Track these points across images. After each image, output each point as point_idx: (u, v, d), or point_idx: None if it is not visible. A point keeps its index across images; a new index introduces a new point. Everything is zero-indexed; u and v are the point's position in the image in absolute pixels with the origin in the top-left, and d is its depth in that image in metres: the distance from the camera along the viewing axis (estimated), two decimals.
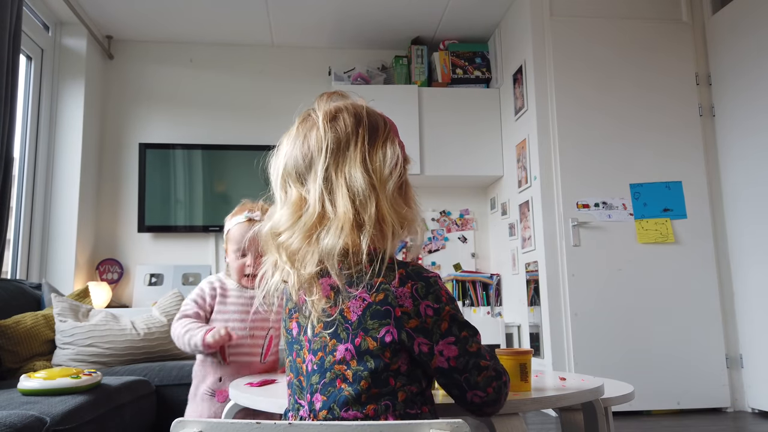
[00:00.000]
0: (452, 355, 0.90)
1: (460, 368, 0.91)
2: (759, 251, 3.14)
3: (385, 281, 0.89)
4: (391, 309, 0.88)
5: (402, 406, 0.89)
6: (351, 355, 0.88)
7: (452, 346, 0.90)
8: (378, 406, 0.88)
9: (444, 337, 0.90)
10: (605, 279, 3.25)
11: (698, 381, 3.20)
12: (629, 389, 1.59)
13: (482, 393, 0.92)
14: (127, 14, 3.87)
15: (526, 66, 3.57)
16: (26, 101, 3.49)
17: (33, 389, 1.72)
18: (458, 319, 0.92)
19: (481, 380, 0.92)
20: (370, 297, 0.88)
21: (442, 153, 3.99)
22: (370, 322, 0.88)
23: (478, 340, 0.94)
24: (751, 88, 3.21)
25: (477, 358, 0.92)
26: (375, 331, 0.88)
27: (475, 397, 0.92)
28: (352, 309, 0.89)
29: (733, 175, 3.34)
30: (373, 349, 0.88)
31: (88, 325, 2.53)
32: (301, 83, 4.27)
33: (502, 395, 0.95)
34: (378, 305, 0.88)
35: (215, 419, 0.81)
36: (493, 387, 0.93)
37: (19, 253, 3.42)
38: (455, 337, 0.90)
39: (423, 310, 0.89)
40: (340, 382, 0.89)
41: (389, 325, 0.88)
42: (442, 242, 4.23)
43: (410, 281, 0.89)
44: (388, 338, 0.88)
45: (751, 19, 3.22)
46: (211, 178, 4.06)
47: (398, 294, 0.88)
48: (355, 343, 0.88)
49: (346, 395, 0.88)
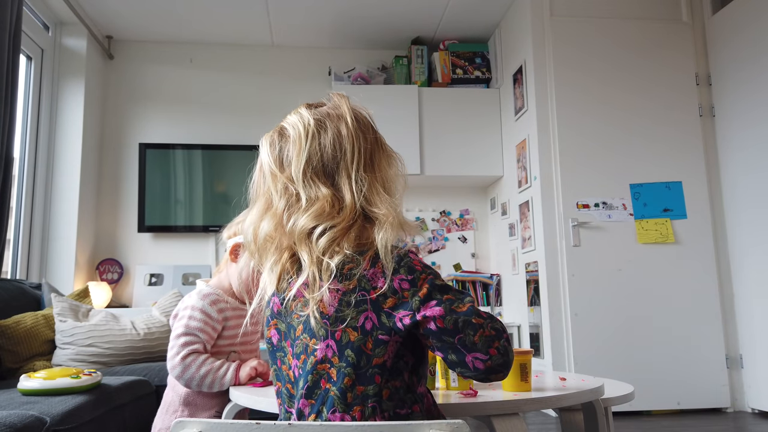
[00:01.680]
0: (437, 314, 0.83)
1: (450, 328, 0.83)
2: (759, 251, 3.14)
3: (354, 266, 0.87)
4: (365, 293, 0.85)
5: (390, 406, 0.85)
6: (332, 351, 0.86)
7: (436, 307, 0.84)
8: (365, 408, 0.84)
9: (424, 302, 0.84)
10: (605, 279, 3.25)
11: (698, 381, 3.19)
12: (629, 389, 1.59)
13: (484, 355, 0.84)
14: (127, 14, 3.87)
15: (526, 66, 3.57)
16: (26, 101, 3.49)
17: (33, 389, 1.72)
18: (438, 283, 0.86)
19: (479, 340, 0.84)
20: (343, 286, 0.86)
21: (442, 153, 3.99)
22: (347, 311, 0.85)
23: (469, 301, 0.86)
24: (751, 87, 3.21)
25: (467, 315, 0.84)
26: (354, 320, 0.85)
27: (477, 361, 0.84)
28: (328, 303, 0.86)
29: (733, 175, 3.34)
30: (355, 340, 0.85)
31: (88, 325, 2.53)
32: (301, 83, 4.27)
33: (509, 356, 0.86)
34: (351, 292, 0.85)
35: (215, 419, 0.80)
36: (497, 348, 0.84)
37: (19, 253, 3.42)
38: (437, 300, 0.85)
39: (398, 285, 0.85)
40: (324, 383, 0.86)
41: (367, 311, 0.85)
42: (442, 242, 4.23)
43: (379, 260, 0.87)
44: (368, 325, 0.84)
45: (751, 19, 3.22)
46: (211, 178, 4.06)
47: (369, 276, 0.86)
48: (335, 337, 0.85)
49: (332, 396, 0.85)
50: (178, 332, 1.42)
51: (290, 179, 0.95)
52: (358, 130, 0.96)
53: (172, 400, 1.46)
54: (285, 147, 0.98)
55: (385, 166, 0.97)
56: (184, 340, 1.41)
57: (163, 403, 1.49)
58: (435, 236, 4.23)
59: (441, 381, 1.26)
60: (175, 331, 1.44)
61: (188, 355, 1.39)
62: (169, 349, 1.42)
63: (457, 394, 1.14)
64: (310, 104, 1.02)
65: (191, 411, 1.43)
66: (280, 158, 0.97)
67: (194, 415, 1.43)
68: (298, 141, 0.96)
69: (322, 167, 0.94)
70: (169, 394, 1.48)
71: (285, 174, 0.96)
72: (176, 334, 1.42)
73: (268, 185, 0.97)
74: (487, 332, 0.84)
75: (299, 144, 0.96)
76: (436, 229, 4.25)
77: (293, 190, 0.94)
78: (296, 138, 0.96)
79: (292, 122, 0.99)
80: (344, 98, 1.01)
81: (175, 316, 1.48)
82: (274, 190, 0.96)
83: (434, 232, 4.24)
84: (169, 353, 1.42)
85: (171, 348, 1.41)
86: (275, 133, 1.01)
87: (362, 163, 0.94)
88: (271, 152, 0.98)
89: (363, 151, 0.95)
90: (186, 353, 1.39)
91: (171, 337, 1.44)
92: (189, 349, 1.40)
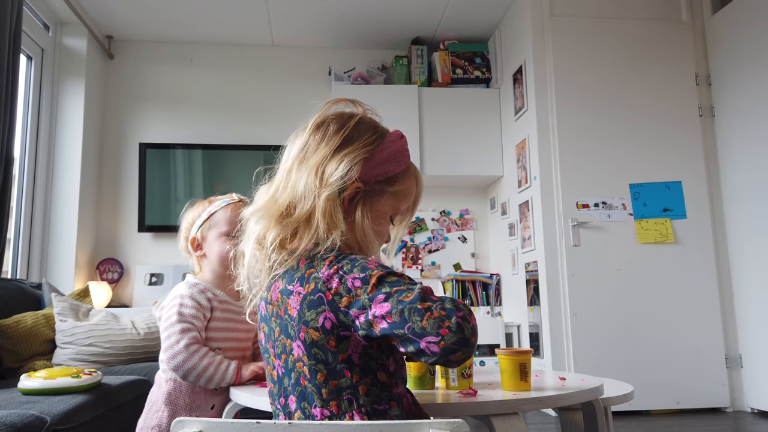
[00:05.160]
0: (385, 311, 0.83)
1: (398, 320, 0.82)
2: (759, 251, 3.14)
3: (315, 271, 0.90)
4: (322, 295, 0.88)
5: (368, 401, 0.88)
6: (302, 350, 0.90)
7: (383, 303, 0.84)
8: (340, 401, 0.88)
9: (373, 298, 0.85)
10: (605, 279, 3.25)
11: (698, 381, 3.20)
12: (629, 389, 1.59)
13: (435, 337, 0.81)
14: (127, 14, 3.87)
15: (526, 66, 3.58)
16: (26, 101, 3.49)
17: (33, 389, 1.72)
18: (387, 279, 0.86)
19: (427, 324, 0.81)
20: (304, 289, 0.90)
21: (442, 153, 3.99)
22: (307, 313, 0.89)
23: (418, 289, 0.84)
24: (751, 88, 3.22)
25: (413, 303, 0.82)
26: (314, 321, 0.88)
27: (431, 345, 0.81)
28: (292, 305, 0.91)
29: (733, 175, 3.34)
30: (318, 339, 0.88)
31: (89, 325, 2.53)
32: (301, 83, 4.27)
33: (464, 332, 0.81)
34: (311, 295, 0.89)
35: (215, 419, 0.81)
36: (447, 327, 0.81)
37: (19, 252, 3.43)
38: (385, 294, 0.84)
39: (351, 283, 0.87)
40: (303, 380, 0.90)
41: (325, 311, 0.88)
42: (442, 242, 4.23)
43: (337, 264, 0.90)
44: (328, 324, 0.87)
45: (751, 19, 3.23)
46: (211, 178, 4.06)
47: (325, 278, 0.89)
48: (300, 337, 0.89)
49: (310, 392, 0.89)
50: (173, 320, 1.35)
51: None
52: (309, 134, 1.02)
53: (156, 399, 1.41)
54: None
55: (310, 164, 0.98)
56: (181, 326, 1.34)
57: (148, 402, 1.44)
58: (435, 236, 4.23)
59: (441, 381, 1.26)
60: (168, 320, 1.37)
61: (191, 343, 1.33)
62: (166, 338, 1.34)
63: (457, 394, 1.14)
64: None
65: (172, 411, 1.37)
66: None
67: (175, 416, 1.36)
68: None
69: (288, 166, 1.01)
70: (155, 392, 1.43)
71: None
72: (170, 322, 1.36)
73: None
74: (436, 314, 0.82)
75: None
76: (435, 229, 4.25)
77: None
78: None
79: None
80: (333, 103, 1.07)
81: (162, 307, 1.42)
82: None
83: (434, 232, 4.24)
84: (166, 342, 1.34)
85: (168, 337, 1.34)
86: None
87: (295, 161, 1.00)
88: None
89: (302, 149, 1.01)
90: (189, 341, 1.33)
91: (164, 327, 1.37)
92: (190, 336, 1.34)
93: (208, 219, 1.49)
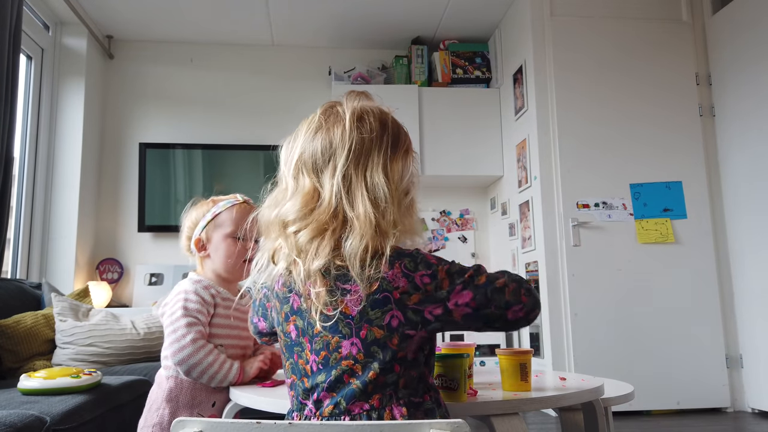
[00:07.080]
0: (468, 299, 0.90)
1: (484, 302, 0.91)
2: (759, 251, 3.14)
3: (374, 269, 0.90)
4: (388, 294, 0.89)
5: (405, 394, 0.91)
6: (357, 348, 0.90)
7: (463, 292, 0.90)
8: (383, 396, 0.90)
9: (451, 291, 0.90)
10: (605, 279, 3.25)
11: (698, 381, 3.19)
12: (629, 389, 1.59)
13: (518, 305, 0.91)
14: (127, 14, 3.87)
15: (526, 66, 3.57)
16: (26, 101, 3.49)
17: (33, 389, 1.72)
18: (454, 270, 0.92)
19: (510, 296, 0.91)
20: (365, 289, 0.90)
21: (442, 153, 3.99)
22: (371, 312, 0.89)
23: (484, 271, 0.93)
24: (752, 87, 3.21)
25: (490, 284, 0.91)
26: (379, 319, 0.89)
27: (517, 312, 0.92)
28: (350, 304, 0.90)
29: (733, 174, 3.34)
30: (381, 337, 0.89)
31: (88, 325, 2.53)
32: (301, 83, 4.27)
33: (536, 294, 0.95)
34: (375, 295, 0.89)
35: (215, 419, 0.80)
36: (524, 293, 0.92)
37: (19, 252, 3.43)
38: (462, 284, 0.91)
39: (420, 281, 0.90)
40: (348, 377, 0.90)
41: (392, 310, 0.89)
42: (442, 242, 4.23)
43: (396, 261, 0.91)
44: (395, 322, 0.89)
45: (751, 19, 3.22)
46: (211, 178, 4.06)
47: (390, 278, 0.89)
48: (360, 335, 0.90)
49: (353, 389, 0.90)
50: (178, 314, 1.34)
51: (283, 168, 1.01)
52: (353, 130, 0.96)
53: (156, 398, 1.40)
54: (290, 140, 1.03)
55: (377, 169, 0.96)
56: (187, 320, 1.33)
57: (148, 401, 1.43)
58: (435, 236, 4.23)
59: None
60: (173, 315, 1.35)
61: (198, 338, 1.32)
62: (171, 332, 1.33)
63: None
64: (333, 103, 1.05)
65: (173, 408, 1.37)
66: (286, 151, 1.03)
67: (176, 413, 1.36)
68: (298, 134, 1.01)
69: (312, 162, 0.97)
70: (155, 391, 1.42)
71: (284, 165, 1.01)
72: (176, 316, 1.34)
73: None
74: (512, 287, 0.92)
75: (298, 137, 1.00)
76: (436, 229, 4.25)
77: (284, 181, 1.00)
78: (298, 131, 1.01)
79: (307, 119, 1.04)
80: (355, 96, 1.03)
81: (165, 303, 1.41)
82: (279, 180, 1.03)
83: (434, 232, 4.24)
84: (172, 336, 1.33)
85: (174, 330, 1.33)
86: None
87: (350, 163, 0.95)
88: (285, 146, 1.04)
89: (354, 150, 0.95)
90: (195, 335, 1.32)
91: (169, 321, 1.35)
92: (196, 330, 1.33)
93: (212, 219, 1.48)
